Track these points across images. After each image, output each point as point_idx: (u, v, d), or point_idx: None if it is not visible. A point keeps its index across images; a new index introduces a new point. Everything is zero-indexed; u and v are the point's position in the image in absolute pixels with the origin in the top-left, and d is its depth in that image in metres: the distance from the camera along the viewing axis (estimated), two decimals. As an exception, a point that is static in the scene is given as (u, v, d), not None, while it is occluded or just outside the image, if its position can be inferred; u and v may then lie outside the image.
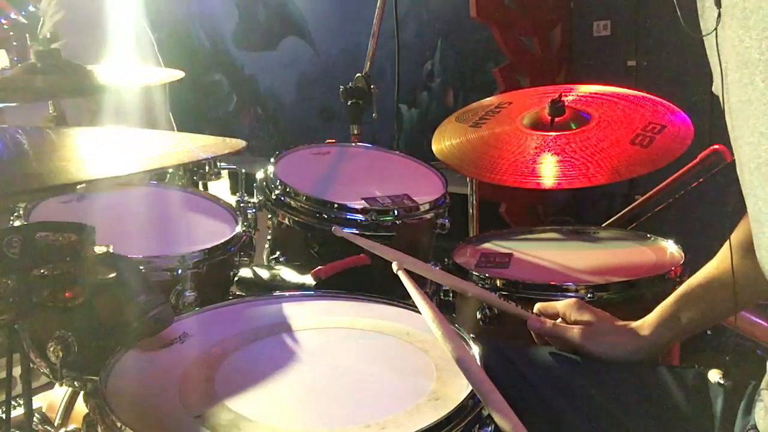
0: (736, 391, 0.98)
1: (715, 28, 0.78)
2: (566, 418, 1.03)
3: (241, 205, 1.52)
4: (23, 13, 4.43)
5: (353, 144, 1.91)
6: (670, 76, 3.35)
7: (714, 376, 0.99)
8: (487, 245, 1.63)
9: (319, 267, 1.34)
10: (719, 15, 0.76)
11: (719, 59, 0.79)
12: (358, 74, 1.99)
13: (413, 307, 1.15)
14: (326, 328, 1.11)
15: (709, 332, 1.70)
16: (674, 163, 1.55)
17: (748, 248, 0.83)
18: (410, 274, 1.15)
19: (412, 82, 4.72)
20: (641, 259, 1.50)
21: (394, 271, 1.14)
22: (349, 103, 1.99)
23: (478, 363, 0.93)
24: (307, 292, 1.25)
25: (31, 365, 1.23)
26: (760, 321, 1.67)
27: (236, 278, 1.40)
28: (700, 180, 2.00)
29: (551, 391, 1.05)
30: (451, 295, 1.47)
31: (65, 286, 0.87)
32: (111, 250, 0.95)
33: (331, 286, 1.28)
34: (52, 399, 1.54)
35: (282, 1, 5.70)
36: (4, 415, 1.16)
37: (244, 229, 1.44)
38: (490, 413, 0.82)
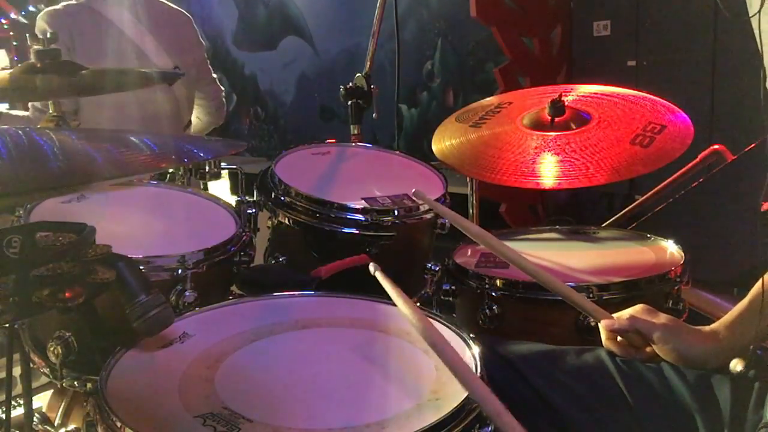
0: (743, 387, 0.98)
1: (758, 11, 0.78)
2: (568, 418, 1.03)
3: (241, 205, 1.52)
4: (23, 13, 4.43)
5: (353, 144, 1.91)
6: (670, 76, 3.35)
7: (737, 365, 0.98)
8: (487, 245, 1.62)
9: (319, 267, 1.35)
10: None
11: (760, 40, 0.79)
12: (358, 74, 1.99)
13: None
14: (326, 327, 1.11)
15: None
16: (674, 163, 1.55)
17: None
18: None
19: (412, 82, 4.72)
20: (641, 259, 1.50)
21: (371, 272, 1.11)
22: (349, 103, 1.99)
23: (476, 369, 0.93)
24: (307, 292, 1.25)
25: (31, 365, 1.23)
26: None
27: (236, 278, 1.41)
28: (700, 180, 2.00)
29: (552, 390, 1.05)
30: (450, 296, 1.47)
31: (65, 286, 0.87)
32: (111, 250, 0.95)
33: (331, 286, 1.28)
34: (52, 399, 1.54)
35: (282, 1, 5.71)
36: (4, 415, 1.16)
37: (244, 229, 1.44)
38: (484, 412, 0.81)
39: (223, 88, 2.92)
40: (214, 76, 2.87)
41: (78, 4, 2.42)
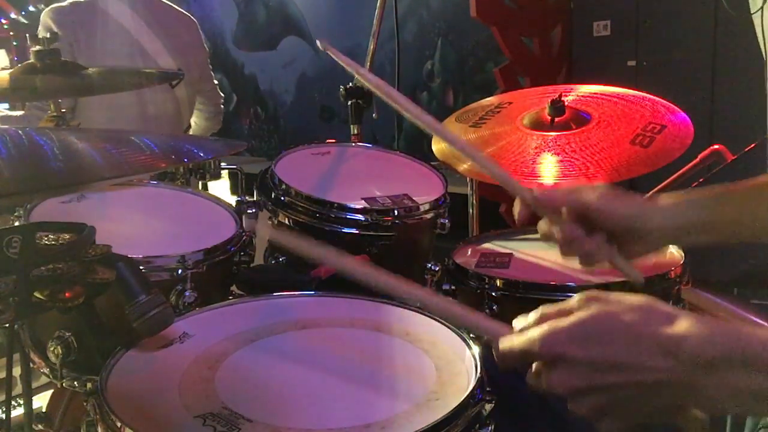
0: None
1: (761, 7, 0.78)
2: (568, 420, 1.02)
3: (241, 205, 1.52)
4: (23, 13, 4.43)
5: (353, 144, 1.91)
6: (670, 76, 3.36)
7: None
8: (487, 245, 1.62)
9: (319, 267, 1.34)
10: None
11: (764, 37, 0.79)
12: (359, 74, 1.99)
13: (414, 307, 1.15)
14: (326, 327, 1.11)
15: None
16: (674, 163, 1.55)
17: None
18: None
19: (412, 82, 4.72)
20: (641, 259, 1.49)
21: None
22: (349, 103, 1.99)
23: (476, 369, 0.93)
24: (307, 292, 1.25)
25: (31, 365, 1.23)
26: (759, 320, 1.68)
27: (236, 278, 1.40)
28: (700, 180, 2.00)
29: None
30: (450, 296, 1.47)
31: (65, 286, 0.87)
32: (111, 250, 0.95)
33: (331, 286, 1.28)
34: (52, 399, 1.54)
35: (282, 1, 5.71)
36: (4, 415, 1.16)
37: (243, 229, 1.44)
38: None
39: (222, 95, 2.93)
40: (215, 81, 2.88)
41: (84, 2, 2.42)
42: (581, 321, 0.72)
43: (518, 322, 0.78)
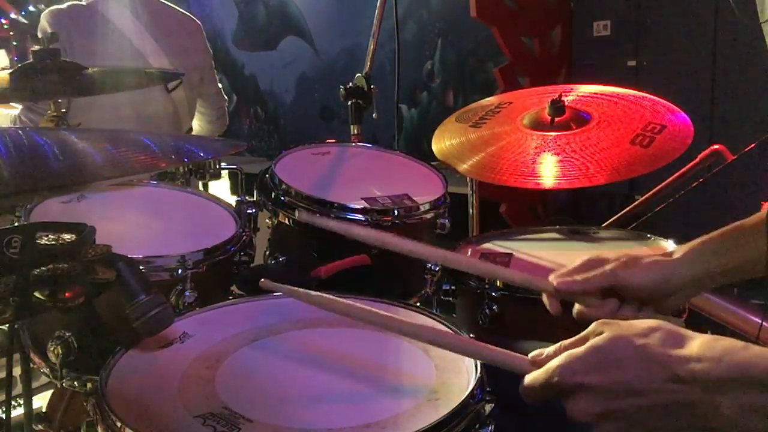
0: None
1: None
2: (569, 420, 1.02)
3: (241, 205, 1.52)
4: (23, 13, 4.43)
5: (353, 144, 1.91)
6: (670, 76, 3.36)
7: None
8: (487, 245, 1.62)
9: (319, 267, 1.34)
10: None
11: None
12: (358, 74, 2.00)
13: (413, 307, 1.15)
14: (326, 328, 1.11)
15: (708, 332, 1.69)
16: (674, 163, 1.55)
17: None
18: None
19: (412, 82, 4.72)
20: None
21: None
22: (349, 103, 1.99)
23: (476, 370, 0.93)
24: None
25: (31, 365, 1.23)
26: (757, 319, 1.68)
27: (236, 278, 1.40)
28: (700, 180, 2.00)
29: None
30: (450, 296, 1.47)
31: (65, 286, 0.87)
32: (111, 250, 0.95)
33: (331, 286, 1.28)
34: (51, 399, 1.54)
35: (282, 1, 5.71)
36: (4, 415, 1.16)
37: (244, 229, 1.44)
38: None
39: (226, 98, 2.92)
40: (219, 86, 2.87)
41: (82, 6, 2.42)
42: (595, 348, 0.74)
43: (535, 353, 0.82)
